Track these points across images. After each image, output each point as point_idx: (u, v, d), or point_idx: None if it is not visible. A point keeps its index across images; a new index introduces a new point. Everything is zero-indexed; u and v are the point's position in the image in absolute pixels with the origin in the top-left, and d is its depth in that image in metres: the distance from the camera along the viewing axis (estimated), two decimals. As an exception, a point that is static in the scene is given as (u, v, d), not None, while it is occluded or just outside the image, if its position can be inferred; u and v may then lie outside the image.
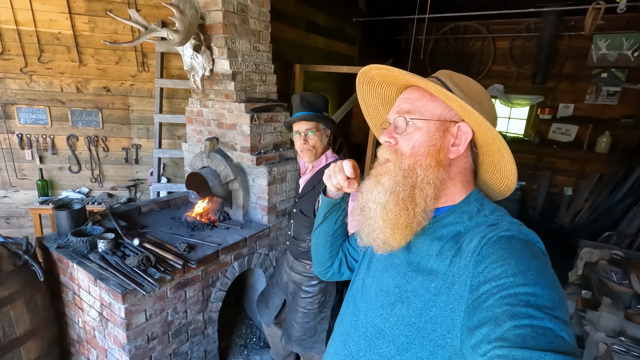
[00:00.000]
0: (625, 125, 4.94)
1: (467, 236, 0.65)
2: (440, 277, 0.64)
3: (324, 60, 4.65)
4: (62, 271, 1.97)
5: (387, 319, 0.70)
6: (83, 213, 2.12)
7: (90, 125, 3.26)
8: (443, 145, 0.69)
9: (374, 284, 0.78)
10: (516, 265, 0.55)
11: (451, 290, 0.62)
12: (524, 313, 0.50)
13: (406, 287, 0.69)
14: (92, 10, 3.01)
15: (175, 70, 3.30)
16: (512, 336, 0.49)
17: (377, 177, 0.73)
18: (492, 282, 0.56)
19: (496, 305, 0.53)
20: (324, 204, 0.94)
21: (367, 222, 0.73)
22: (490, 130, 0.66)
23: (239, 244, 2.23)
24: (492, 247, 0.60)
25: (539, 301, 0.51)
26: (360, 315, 0.78)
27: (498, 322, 0.51)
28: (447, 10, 4.60)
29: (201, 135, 2.65)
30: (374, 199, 0.71)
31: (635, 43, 4.71)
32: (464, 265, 0.62)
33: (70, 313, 2.05)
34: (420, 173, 0.68)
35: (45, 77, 3.07)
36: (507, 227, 0.63)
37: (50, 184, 3.28)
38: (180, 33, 1.92)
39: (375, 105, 0.87)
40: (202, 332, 2.13)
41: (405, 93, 0.75)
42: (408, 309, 0.67)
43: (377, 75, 0.78)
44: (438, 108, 0.70)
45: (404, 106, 0.73)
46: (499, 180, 0.75)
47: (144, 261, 1.78)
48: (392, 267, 0.74)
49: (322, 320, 1.86)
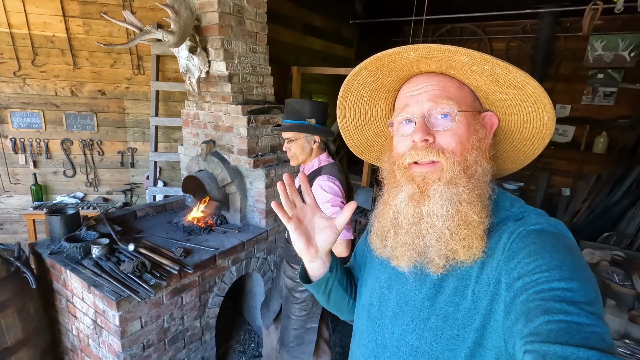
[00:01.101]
0: (622, 126, 4.95)
1: (494, 234, 0.61)
2: (474, 280, 0.60)
3: (321, 62, 4.64)
4: (55, 278, 1.92)
5: (421, 334, 0.64)
6: (77, 218, 2.08)
7: (85, 129, 3.22)
8: (483, 135, 0.64)
9: (393, 296, 0.70)
10: (550, 260, 0.53)
11: (488, 292, 0.58)
12: (558, 308, 0.47)
13: (438, 298, 0.63)
14: (86, 13, 2.98)
15: (171, 73, 3.27)
16: (544, 331, 0.46)
17: (419, 183, 0.64)
18: (525, 278, 0.53)
19: (529, 300, 0.50)
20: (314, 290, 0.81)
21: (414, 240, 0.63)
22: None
23: (236, 248, 2.19)
24: (523, 242, 0.57)
25: (575, 296, 0.48)
26: (386, 333, 0.70)
27: (530, 317, 0.49)
28: (443, 12, 4.60)
29: (198, 138, 2.62)
30: (434, 211, 0.61)
31: (630, 44, 4.73)
32: (496, 265, 0.58)
33: (64, 321, 2.00)
34: (479, 170, 0.62)
35: (39, 81, 3.03)
36: (535, 220, 0.59)
37: (45, 188, 3.23)
38: (175, 34, 1.89)
39: (360, 95, 0.74)
40: (200, 339, 2.09)
41: (423, 79, 0.66)
42: (446, 321, 0.61)
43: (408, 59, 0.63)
44: (469, 97, 0.66)
45: (439, 94, 0.64)
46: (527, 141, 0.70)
47: (139, 267, 1.74)
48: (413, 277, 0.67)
49: (309, 330, 1.82)
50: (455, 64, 0.61)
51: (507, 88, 0.62)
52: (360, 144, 0.84)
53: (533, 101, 0.62)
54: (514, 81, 0.60)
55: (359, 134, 0.82)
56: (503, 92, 0.63)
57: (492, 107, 0.68)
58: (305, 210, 0.72)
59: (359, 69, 0.67)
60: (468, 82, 0.66)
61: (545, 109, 0.62)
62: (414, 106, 0.65)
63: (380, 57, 0.63)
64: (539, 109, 0.62)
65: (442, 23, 5.97)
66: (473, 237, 0.59)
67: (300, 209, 0.71)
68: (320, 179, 1.58)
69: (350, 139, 0.83)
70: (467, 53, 0.57)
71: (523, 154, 0.72)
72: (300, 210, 0.71)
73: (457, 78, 0.66)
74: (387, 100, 0.76)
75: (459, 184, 0.61)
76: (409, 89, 0.68)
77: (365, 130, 0.81)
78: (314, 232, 0.72)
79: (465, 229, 0.59)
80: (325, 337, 1.93)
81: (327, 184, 1.54)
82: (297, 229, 0.70)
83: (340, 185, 1.56)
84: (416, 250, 0.63)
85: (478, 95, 0.68)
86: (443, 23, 5.97)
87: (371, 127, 0.81)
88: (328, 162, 1.70)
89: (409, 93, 0.67)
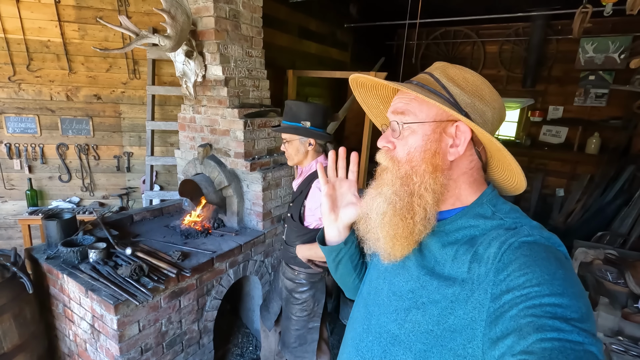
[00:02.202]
0: (613, 127, 5.03)
1: (484, 240, 0.62)
2: (458, 284, 0.61)
3: (316, 65, 4.67)
4: (52, 283, 1.92)
5: (402, 324, 0.67)
6: (73, 223, 2.08)
7: (81, 134, 3.21)
8: (439, 148, 0.66)
9: (385, 286, 0.74)
10: (541, 274, 0.52)
11: (471, 298, 0.59)
12: (551, 325, 0.47)
13: (421, 292, 0.66)
14: (82, 18, 2.99)
15: (167, 77, 3.28)
16: (538, 350, 0.46)
17: (379, 186, 0.71)
18: (515, 291, 0.53)
19: (520, 316, 0.50)
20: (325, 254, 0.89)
21: (370, 231, 0.72)
22: (482, 134, 0.63)
23: (234, 251, 2.20)
24: (514, 254, 0.56)
25: (567, 313, 0.48)
26: (373, 319, 0.74)
27: (522, 334, 0.48)
28: (437, 15, 4.65)
29: (194, 141, 2.62)
30: (375, 209, 0.69)
31: (620, 46, 4.81)
32: (484, 273, 0.58)
33: (61, 326, 1.99)
34: (416, 180, 0.66)
35: (34, 86, 3.02)
36: (528, 232, 0.59)
37: (40, 194, 3.21)
38: (172, 39, 1.91)
39: (376, 105, 0.84)
40: (198, 342, 2.08)
41: (400, 93, 0.72)
42: (424, 315, 0.64)
43: (366, 80, 0.77)
44: (433, 108, 0.67)
45: (399, 106, 0.70)
46: (509, 179, 0.72)
47: (137, 270, 1.74)
48: (404, 270, 0.71)
49: (311, 330, 1.83)
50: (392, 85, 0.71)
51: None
52: None
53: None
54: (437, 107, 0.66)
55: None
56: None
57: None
58: (343, 183, 0.85)
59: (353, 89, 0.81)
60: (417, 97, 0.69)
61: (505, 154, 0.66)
62: (387, 115, 0.73)
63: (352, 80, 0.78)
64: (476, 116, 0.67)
65: (436, 26, 6.03)
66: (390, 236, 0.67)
67: (339, 179, 0.85)
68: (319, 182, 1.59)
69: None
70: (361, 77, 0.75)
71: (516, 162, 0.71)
72: (339, 182, 0.85)
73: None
74: None
75: (395, 189, 0.67)
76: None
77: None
78: (341, 203, 0.84)
79: (384, 228, 0.67)
80: (325, 338, 1.94)
81: None
82: (328, 194, 0.84)
83: None
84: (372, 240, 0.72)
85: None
86: (437, 26, 6.03)
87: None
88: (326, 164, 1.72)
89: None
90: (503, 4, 4.51)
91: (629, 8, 2.38)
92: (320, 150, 1.76)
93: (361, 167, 3.99)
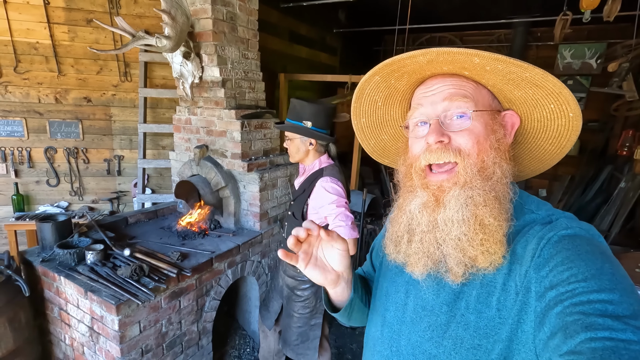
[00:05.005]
0: (591, 129, 5.26)
1: (520, 238, 0.58)
2: (500, 288, 0.56)
3: (307, 69, 4.73)
4: (47, 286, 1.87)
5: (440, 342, 0.60)
6: (68, 225, 2.04)
7: (70, 137, 3.15)
8: (503, 135, 0.62)
9: (410, 301, 0.67)
10: (587, 269, 0.48)
11: (516, 301, 0.54)
12: (601, 324, 0.43)
13: (458, 304, 0.59)
14: (72, 20, 2.95)
15: (159, 80, 3.27)
16: (586, 350, 0.42)
17: (434, 191, 0.62)
18: (559, 287, 0.49)
19: (566, 314, 0.46)
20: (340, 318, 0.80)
21: (428, 248, 0.61)
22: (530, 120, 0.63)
23: (232, 251, 2.20)
24: (555, 248, 0.53)
25: (618, 310, 0.44)
26: (402, 340, 0.66)
27: (569, 332, 0.45)
28: (423, 22, 4.79)
29: (189, 143, 2.62)
30: (449, 218, 0.58)
31: (596, 52, 5.06)
32: (525, 272, 0.54)
33: (56, 330, 1.94)
34: (497, 171, 0.59)
35: (21, 88, 2.96)
36: (566, 224, 0.55)
37: (27, 198, 3.13)
38: (171, 39, 1.92)
39: (374, 100, 0.73)
40: (197, 344, 2.07)
41: (437, 81, 0.64)
42: (467, 329, 0.57)
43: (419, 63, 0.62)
44: (487, 96, 0.63)
45: (454, 92, 0.62)
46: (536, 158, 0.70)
47: (137, 271, 1.72)
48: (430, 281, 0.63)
49: (314, 326, 1.85)
50: (468, 65, 0.59)
51: (526, 86, 0.59)
52: (378, 147, 0.83)
53: (555, 98, 0.59)
54: (531, 79, 0.57)
55: (375, 138, 0.81)
56: (521, 90, 0.61)
57: (512, 106, 0.65)
58: (312, 244, 0.67)
59: (370, 75, 0.66)
60: (484, 82, 0.63)
61: (569, 105, 0.59)
62: (428, 107, 0.64)
63: (389, 64, 0.62)
64: (562, 106, 0.59)
65: (422, 33, 6.20)
66: (491, 241, 0.56)
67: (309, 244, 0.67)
68: (323, 181, 1.62)
69: (367, 144, 0.82)
70: (478, 54, 0.55)
71: (550, 153, 0.69)
72: (307, 246, 0.67)
73: (472, 78, 0.63)
74: (402, 104, 0.75)
75: (475, 187, 0.58)
76: (422, 90, 0.66)
77: (382, 134, 0.80)
78: (325, 258, 0.68)
79: (483, 233, 0.56)
80: (325, 334, 1.96)
81: (331, 185, 1.59)
82: (309, 265, 0.66)
83: (342, 186, 1.62)
84: (431, 258, 0.61)
85: (496, 95, 0.66)
86: (422, 33, 6.20)
87: (388, 131, 0.79)
88: (329, 164, 1.75)
89: (423, 94, 0.66)
90: (486, 12, 4.69)
91: (605, 15, 2.53)
92: (321, 150, 1.78)
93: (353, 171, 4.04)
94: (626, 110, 4.60)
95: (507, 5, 4.39)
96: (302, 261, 0.65)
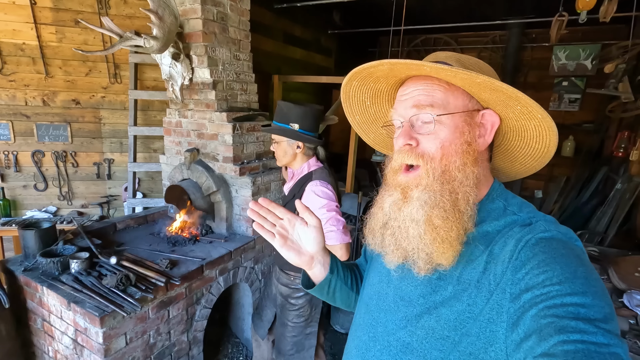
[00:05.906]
0: (586, 130, 5.25)
1: (499, 239, 0.59)
2: (474, 285, 0.58)
3: (301, 71, 4.68)
4: (29, 296, 1.80)
5: (413, 332, 0.63)
6: (53, 232, 1.97)
7: (58, 140, 3.08)
8: (472, 139, 0.62)
9: (391, 291, 0.70)
10: (561, 272, 0.50)
11: (489, 300, 0.56)
12: (573, 327, 0.45)
13: (433, 297, 0.62)
14: (59, 20, 2.88)
15: (150, 82, 3.20)
16: (559, 352, 0.43)
17: (403, 189, 0.64)
18: (534, 290, 0.50)
19: (540, 316, 0.48)
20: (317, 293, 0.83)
21: (398, 242, 0.64)
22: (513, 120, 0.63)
23: (223, 257, 2.14)
24: (532, 251, 0.54)
25: (590, 313, 0.46)
26: (379, 327, 0.70)
27: (543, 335, 0.46)
28: (417, 23, 4.76)
29: (180, 146, 2.56)
30: (409, 216, 0.62)
31: (590, 53, 5.05)
32: (501, 272, 0.56)
33: (39, 342, 1.87)
34: (458, 175, 0.61)
35: (7, 90, 2.88)
36: (545, 227, 0.57)
37: (13, 203, 3.05)
38: (159, 40, 1.86)
39: (362, 101, 0.77)
40: (187, 354, 2.00)
41: (412, 84, 0.66)
42: (438, 321, 0.60)
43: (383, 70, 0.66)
44: (459, 98, 0.63)
45: (422, 99, 0.63)
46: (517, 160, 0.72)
47: (123, 280, 1.66)
48: (411, 273, 0.66)
49: (309, 335, 1.80)
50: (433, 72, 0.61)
51: (486, 90, 0.60)
52: (379, 141, 0.87)
53: (516, 101, 0.60)
54: (485, 85, 0.58)
55: (374, 132, 0.84)
56: (486, 93, 0.62)
57: (489, 105, 0.66)
58: (285, 224, 0.74)
59: (346, 81, 0.71)
60: (455, 83, 0.63)
61: (532, 107, 0.60)
62: (401, 110, 0.66)
63: (358, 71, 0.68)
64: (526, 108, 0.61)
65: (417, 34, 6.17)
66: (440, 241, 0.59)
67: (280, 225, 0.74)
68: (313, 185, 1.57)
69: (367, 138, 0.86)
70: (425, 65, 0.58)
71: (538, 151, 0.70)
72: (281, 227, 0.74)
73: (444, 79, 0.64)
74: (391, 103, 0.76)
75: (434, 190, 0.60)
76: (400, 93, 0.68)
77: (379, 129, 0.83)
78: (301, 241, 0.75)
79: (434, 233, 0.59)
80: (321, 343, 1.91)
81: (321, 189, 1.54)
82: (284, 245, 0.73)
83: (332, 190, 1.56)
84: (401, 251, 0.64)
85: (472, 95, 0.66)
86: (418, 34, 6.18)
87: (385, 127, 0.82)
88: (317, 167, 1.70)
89: (399, 97, 0.68)
90: (481, 13, 4.67)
91: (602, 16, 2.50)
92: (310, 153, 1.73)
93: (348, 173, 3.99)
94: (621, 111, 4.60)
95: (502, 6, 4.38)
96: (278, 241, 0.72)
